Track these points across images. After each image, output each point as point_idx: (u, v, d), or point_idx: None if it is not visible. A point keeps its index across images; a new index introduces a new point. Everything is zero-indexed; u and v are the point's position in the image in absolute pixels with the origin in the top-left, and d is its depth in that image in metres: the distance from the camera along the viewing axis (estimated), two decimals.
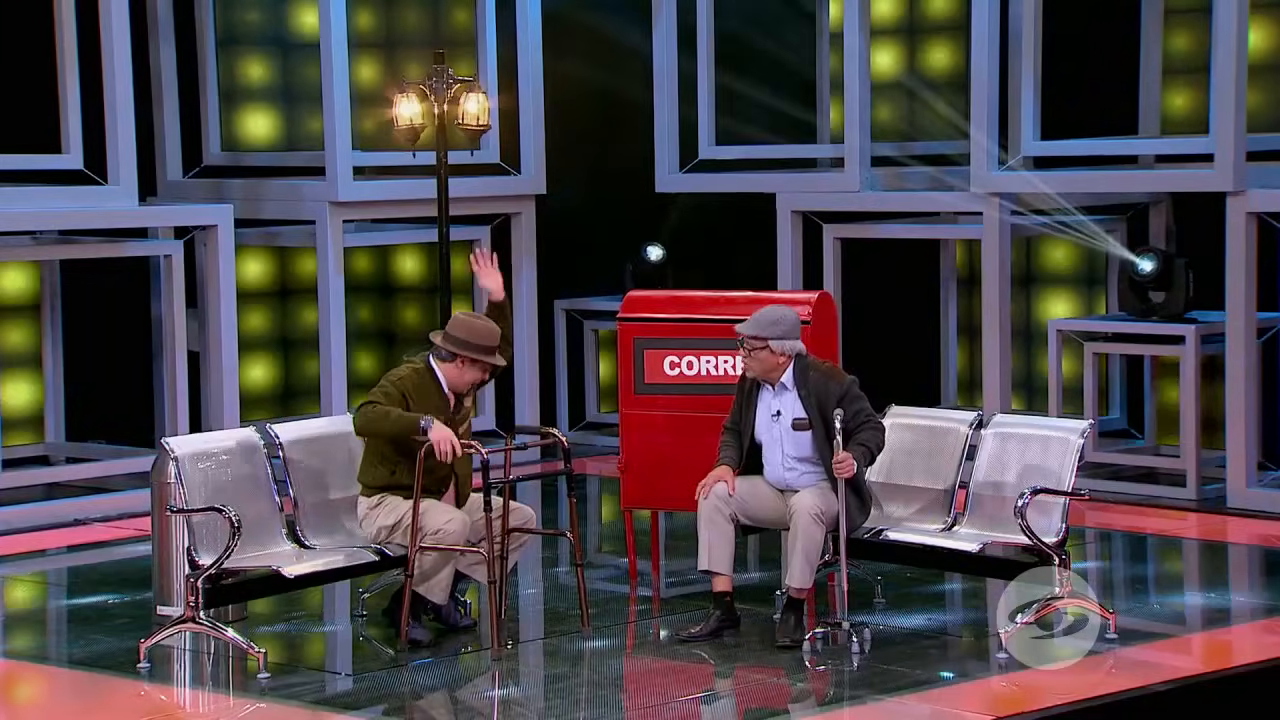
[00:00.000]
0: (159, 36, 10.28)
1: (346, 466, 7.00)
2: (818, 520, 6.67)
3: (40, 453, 10.01)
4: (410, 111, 8.04)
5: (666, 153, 10.80)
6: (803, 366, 6.76)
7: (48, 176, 9.20)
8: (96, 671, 6.53)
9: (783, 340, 6.71)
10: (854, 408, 6.70)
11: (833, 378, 6.76)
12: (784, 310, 6.79)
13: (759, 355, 6.71)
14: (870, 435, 6.73)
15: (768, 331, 6.70)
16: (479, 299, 10.65)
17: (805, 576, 6.70)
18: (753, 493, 6.80)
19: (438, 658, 6.68)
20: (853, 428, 6.66)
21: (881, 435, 6.76)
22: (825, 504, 6.69)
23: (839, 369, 6.89)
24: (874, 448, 6.74)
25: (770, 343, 6.70)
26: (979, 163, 9.69)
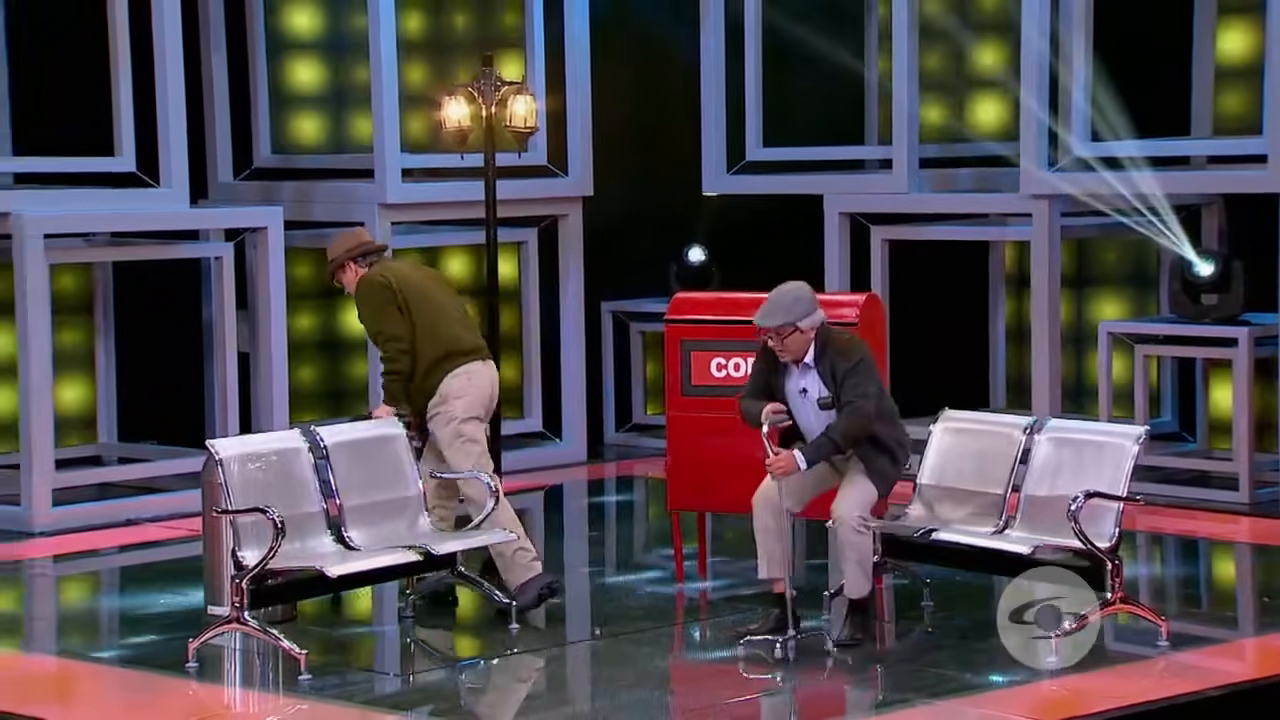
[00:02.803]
0: (210, 40, 10.36)
1: (390, 468, 7.03)
2: (861, 529, 6.63)
3: (93, 453, 10.10)
4: (458, 114, 8.06)
5: (714, 154, 10.78)
6: (823, 340, 6.62)
7: (101, 179, 9.28)
8: (147, 670, 6.59)
9: (808, 316, 6.60)
10: (848, 385, 6.51)
11: (843, 354, 6.59)
12: (796, 288, 6.64)
13: (791, 340, 6.59)
14: (839, 423, 6.52)
15: (794, 314, 6.58)
16: (527, 304, 10.69)
17: (863, 584, 6.68)
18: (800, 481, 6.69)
19: (485, 657, 6.70)
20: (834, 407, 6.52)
21: (856, 420, 6.50)
22: (864, 504, 6.65)
23: (855, 342, 6.68)
24: (837, 437, 6.52)
25: (799, 323, 6.59)
26: (1030, 164, 9.63)
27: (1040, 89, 9.58)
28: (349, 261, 7.30)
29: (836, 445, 6.59)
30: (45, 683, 6.71)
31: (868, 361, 6.62)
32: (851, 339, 6.72)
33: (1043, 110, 9.59)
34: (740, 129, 10.73)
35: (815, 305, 6.63)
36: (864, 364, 6.59)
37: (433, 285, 7.34)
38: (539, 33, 10.34)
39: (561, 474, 10.36)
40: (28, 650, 7.06)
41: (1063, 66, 9.66)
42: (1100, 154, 9.57)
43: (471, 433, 7.14)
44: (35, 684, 6.67)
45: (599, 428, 11.16)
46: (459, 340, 7.20)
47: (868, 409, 6.56)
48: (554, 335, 10.66)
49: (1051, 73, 9.65)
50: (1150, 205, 9.50)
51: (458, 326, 7.24)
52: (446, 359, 7.13)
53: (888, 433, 6.68)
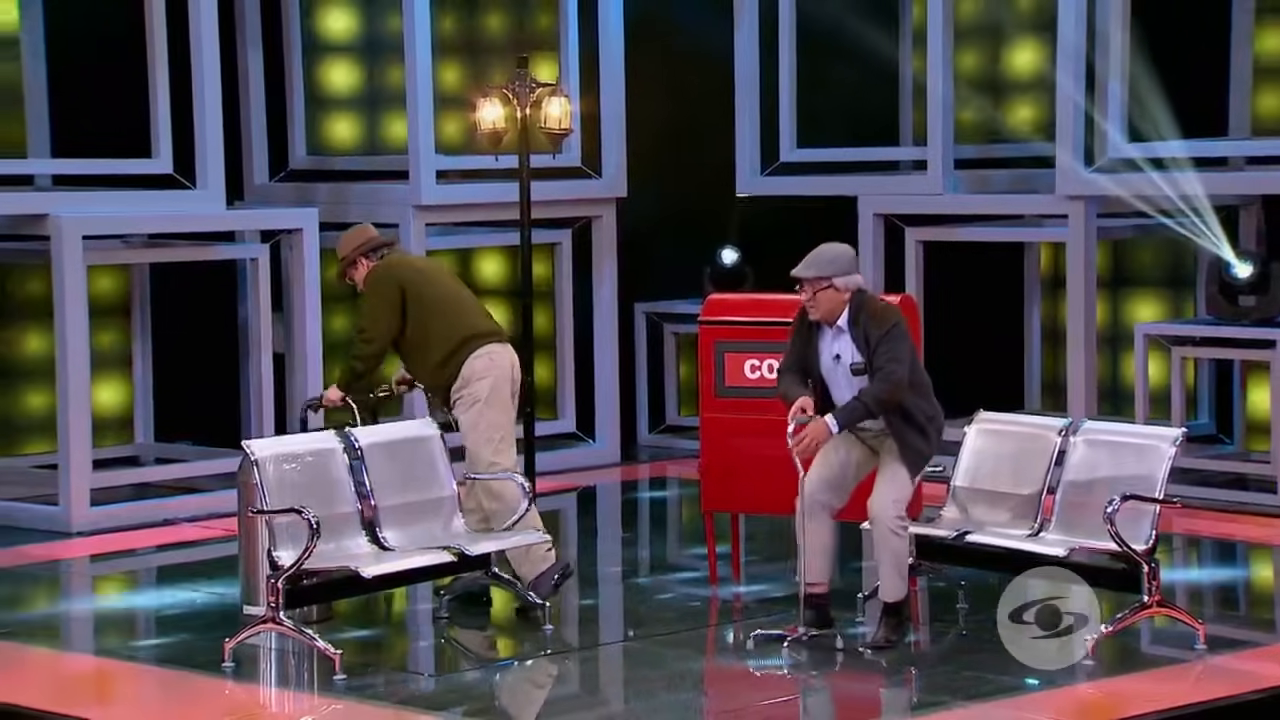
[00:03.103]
0: (246, 42, 10.41)
1: (425, 468, 7.05)
2: (898, 532, 6.61)
3: (130, 453, 10.16)
4: (493, 115, 8.09)
5: (748, 155, 10.78)
6: (858, 305, 6.58)
7: (138, 181, 9.34)
8: (183, 670, 6.62)
9: (846, 276, 6.56)
10: (881, 350, 6.47)
11: (877, 319, 6.55)
12: (840, 246, 6.64)
13: (823, 296, 6.55)
14: (871, 387, 6.49)
15: (829, 270, 6.54)
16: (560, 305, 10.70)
17: (899, 587, 6.66)
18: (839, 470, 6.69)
19: (518, 658, 6.72)
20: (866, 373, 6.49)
21: (888, 385, 6.46)
22: (900, 499, 6.60)
23: (891, 308, 6.63)
24: (869, 401, 6.49)
25: (834, 280, 6.55)
26: (1065, 165, 9.58)
27: (1077, 89, 9.54)
28: (360, 257, 7.34)
29: (868, 409, 6.52)
30: (83, 682, 6.76)
31: (902, 328, 6.56)
32: (887, 306, 6.66)
33: (1079, 111, 9.55)
34: (774, 130, 10.72)
35: (854, 268, 6.59)
36: (898, 330, 6.53)
37: (445, 275, 7.49)
38: (573, 34, 10.35)
39: (595, 475, 10.37)
40: (66, 650, 7.11)
41: (1099, 66, 9.62)
42: (1137, 155, 9.52)
43: (493, 420, 7.16)
44: (73, 683, 6.72)
45: (632, 429, 11.16)
46: (477, 324, 7.29)
47: (900, 374, 6.49)
48: (587, 337, 10.67)
49: (1088, 72, 9.60)
50: (1187, 206, 9.44)
51: (474, 312, 7.36)
52: (466, 343, 7.20)
53: (920, 406, 6.60)
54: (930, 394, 6.70)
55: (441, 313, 7.22)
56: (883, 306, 6.64)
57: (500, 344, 7.27)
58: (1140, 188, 9.40)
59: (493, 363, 7.21)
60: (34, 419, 9.93)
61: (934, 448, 6.69)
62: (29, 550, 8.55)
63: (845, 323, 6.59)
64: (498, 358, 7.22)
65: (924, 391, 6.68)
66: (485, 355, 7.20)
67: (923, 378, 6.69)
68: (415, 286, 7.23)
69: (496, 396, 7.18)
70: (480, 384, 7.18)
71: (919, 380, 6.66)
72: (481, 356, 7.19)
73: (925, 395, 6.67)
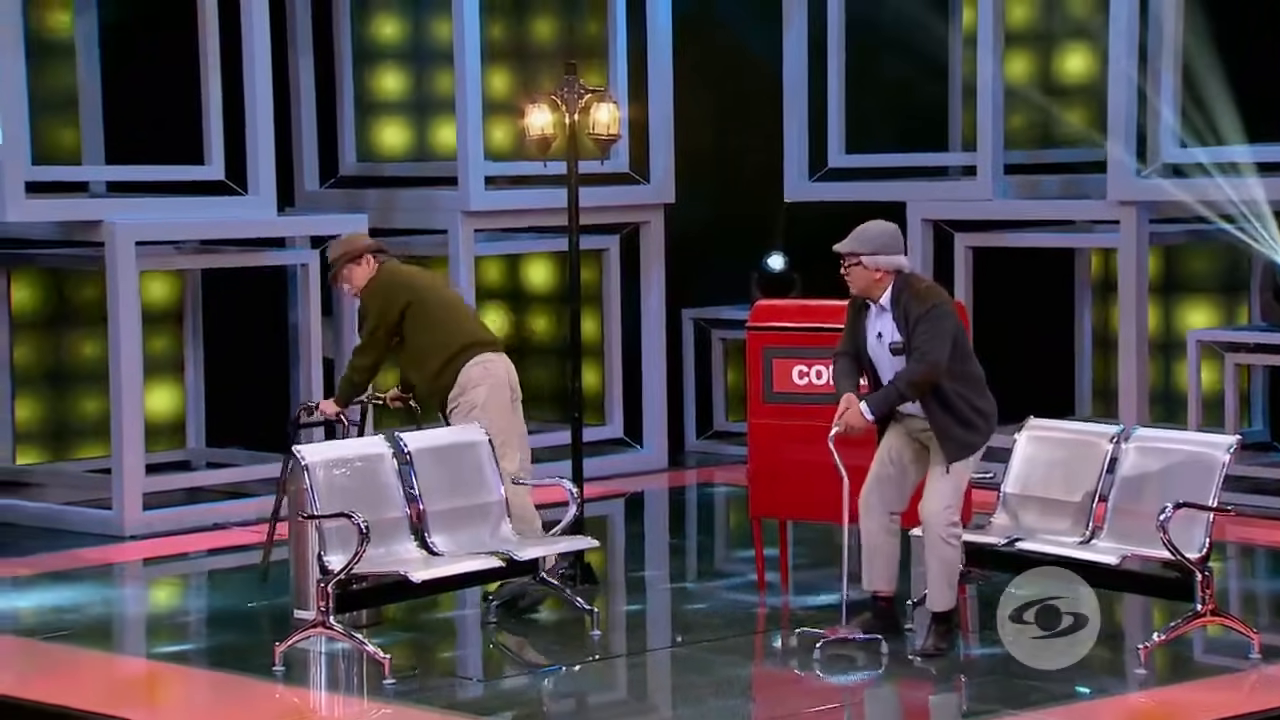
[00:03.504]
0: (298, 49, 10.49)
1: (473, 473, 7.08)
2: (950, 540, 6.56)
3: (181, 458, 10.24)
4: (542, 121, 8.10)
5: (796, 161, 10.76)
6: (901, 285, 6.53)
7: (190, 187, 9.42)
8: (235, 673, 6.67)
9: (876, 255, 6.50)
10: (918, 331, 6.41)
11: (918, 299, 6.48)
12: (883, 224, 6.60)
13: (855, 271, 6.54)
14: (905, 370, 6.42)
15: (861, 246, 6.52)
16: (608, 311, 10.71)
17: (948, 597, 6.62)
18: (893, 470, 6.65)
19: (566, 664, 6.73)
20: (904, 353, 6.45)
21: (922, 368, 6.38)
22: (952, 501, 6.54)
23: (934, 290, 6.57)
24: (903, 385, 6.42)
25: (863, 258, 6.52)
26: (1117, 170, 9.51)
27: (1128, 94, 9.47)
28: (354, 262, 7.39)
29: (900, 393, 6.47)
30: (135, 684, 6.82)
31: (942, 310, 6.47)
32: (931, 287, 6.60)
33: (1131, 115, 9.48)
34: (822, 135, 10.70)
35: (893, 248, 6.54)
36: (938, 311, 6.46)
37: (443, 285, 7.67)
38: (622, 40, 10.36)
39: (642, 481, 10.37)
40: (118, 652, 7.17)
41: (1153, 69, 9.54)
42: (1190, 159, 9.44)
43: (490, 425, 7.23)
44: (126, 686, 6.78)
45: (680, 435, 11.16)
46: (475, 333, 7.45)
47: (934, 357, 6.42)
48: (635, 342, 10.67)
49: (1141, 76, 9.53)
50: (1240, 212, 9.36)
51: (472, 321, 7.52)
52: (463, 351, 7.33)
53: (964, 396, 6.51)
54: (981, 387, 6.61)
55: (441, 322, 7.34)
56: (926, 287, 6.58)
57: (496, 353, 7.41)
58: (1193, 192, 9.32)
59: (488, 371, 7.33)
60: (88, 423, 10.03)
61: (980, 441, 6.58)
62: (82, 554, 8.63)
63: (888, 301, 6.56)
64: (493, 366, 7.36)
65: (972, 382, 6.58)
66: (481, 364, 7.33)
67: (972, 369, 6.60)
68: (418, 296, 7.35)
69: (493, 402, 7.29)
70: (476, 391, 7.29)
71: (967, 371, 6.57)
72: (477, 365, 7.32)
73: (973, 386, 6.58)
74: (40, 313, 9.99)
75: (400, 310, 7.32)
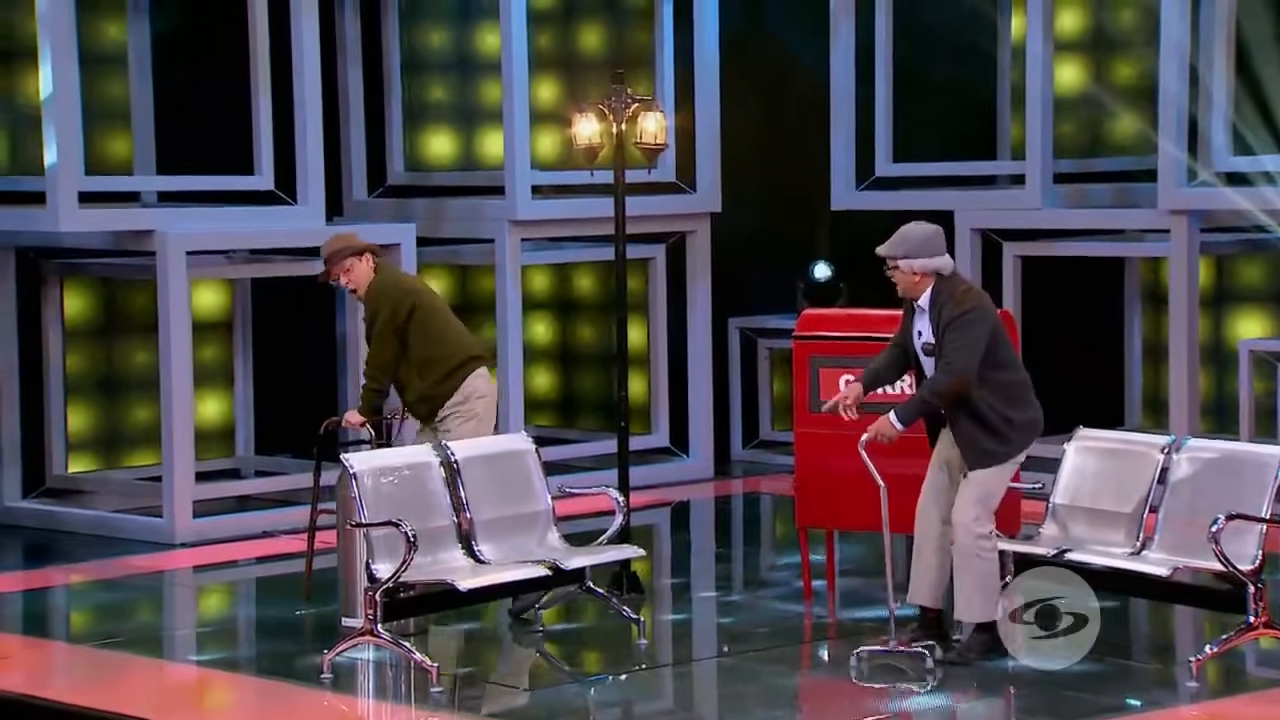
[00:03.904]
0: (346, 59, 10.55)
1: (520, 482, 7.09)
2: (981, 553, 6.49)
3: (231, 466, 10.31)
4: (589, 130, 8.12)
5: (843, 170, 10.73)
6: (940, 288, 6.53)
7: (240, 197, 9.49)
8: (283, 680, 6.70)
9: (912, 259, 6.52)
10: (947, 337, 6.42)
11: (953, 303, 6.48)
12: (922, 227, 6.60)
13: (896, 275, 6.59)
14: (931, 379, 6.45)
15: (897, 250, 6.56)
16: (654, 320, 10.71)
17: (985, 609, 6.56)
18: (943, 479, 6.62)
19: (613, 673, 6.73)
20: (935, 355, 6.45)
21: (947, 377, 6.39)
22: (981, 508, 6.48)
23: (971, 295, 6.53)
24: (927, 394, 6.45)
25: (899, 261, 6.54)
26: (1167, 179, 9.44)
27: (1179, 103, 9.40)
28: (353, 258, 7.47)
29: (925, 401, 6.48)
30: (185, 691, 6.87)
31: (975, 317, 6.44)
32: (968, 292, 6.57)
33: (1181, 124, 9.41)
34: (869, 144, 10.67)
35: (932, 250, 6.54)
36: (970, 318, 6.43)
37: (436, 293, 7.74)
38: (669, 49, 10.37)
39: (688, 490, 10.36)
40: (168, 659, 7.22)
41: (1204, 78, 9.47)
42: (1240, 169, 9.36)
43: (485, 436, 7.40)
44: (175, 692, 6.83)
45: (726, 444, 11.15)
46: (477, 344, 7.62)
47: (960, 365, 6.40)
48: (681, 351, 10.67)
49: (1192, 84, 9.46)
50: None
51: (469, 333, 7.66)
52: (470, 361, 7.46)
53: (994, 405, 6.47)
54: (1016, 397, 6.55)
55: (446, 328, 7.47)
56: (963, 292, 6.55)
57: (491, 368, 7.59)
58: (1245, 201, 9.24)
59: (489, 385, 7.51)
60: (139, 432, 10.11)
61: (1007, 452, 6.53)
62: (133, 561, 8.70)
63: (926, 302, 6.58)
64: (489, 382, 7.53)
65: (1005, 391, 6.53)
66: (483, 376, 7.48)
67: (1006, 377, 6.54)
68: (423, 300, 7.46)
69: (489, 415, 7.47)
70: (479, 402, 7.42)
71: (1000, 380, 6.52)
72: (481, 376, 7.46)
73: (1005, 395, 6.53)
74: (92, 321, 10.08)
75: (407, 312, 7.38)
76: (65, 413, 9.79)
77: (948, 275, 6.58)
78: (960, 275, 6.67)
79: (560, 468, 9.64)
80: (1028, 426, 6.58)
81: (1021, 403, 6.58)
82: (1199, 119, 9.49)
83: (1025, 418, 6.56)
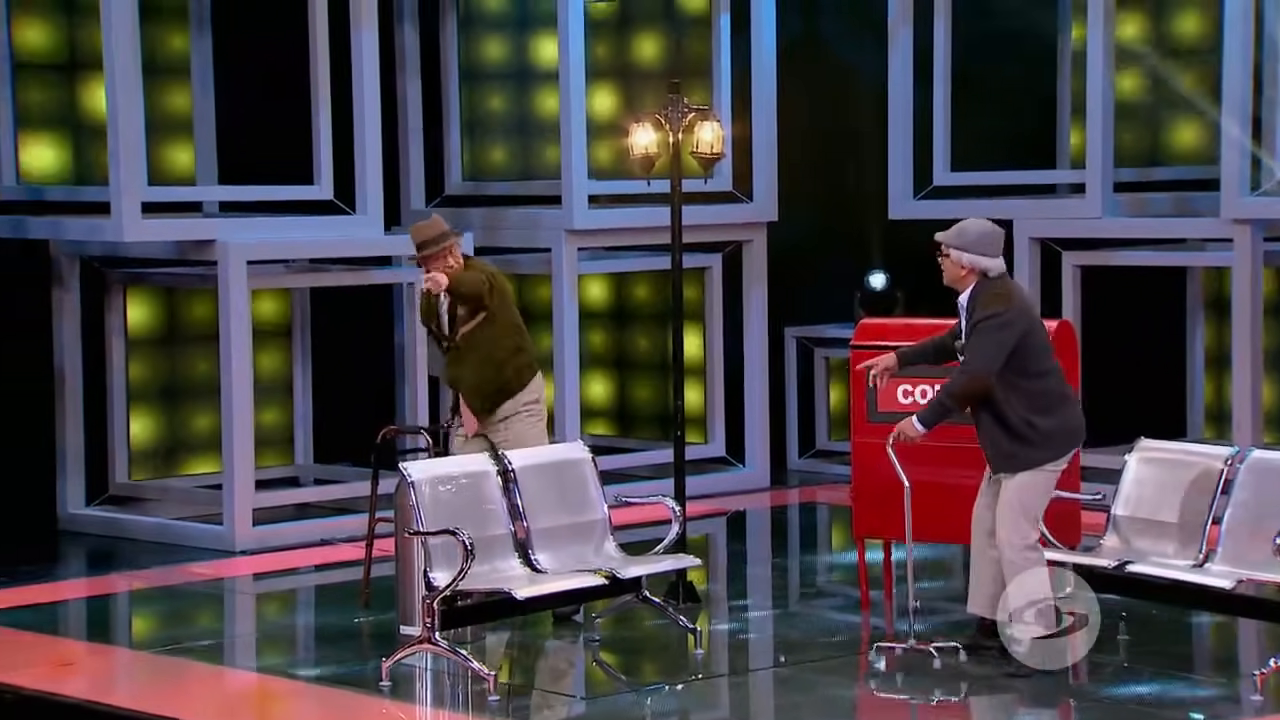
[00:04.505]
0: (405, 70, 10.62)
1: (577, 491, 7.10)
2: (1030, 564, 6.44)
3: (290, 474, 10.39)
4: (645, 140, 8.13)
5: (901, 179, 10.69)
6: (980, 288, 6.52)
7: (300, 207, 9.57)
8: (342, 688, 6.74)
9: (961, 251, 6.51)
10: (972, 339, 6.44)
11: (983, 304, 6.47)
12: (983, 224, 6.59)
13: (945, 261, 6.59)
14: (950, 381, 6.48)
15: (952, 239, 6.56)
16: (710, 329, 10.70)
17: (1042, 620, 6.53)
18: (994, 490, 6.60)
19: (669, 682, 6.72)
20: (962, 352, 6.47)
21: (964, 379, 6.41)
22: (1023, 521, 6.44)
23: (1002, 299, 6.48)
24: (945, 396, 6.47)
25: (951, 250, 6.53)
26: (1230, 188, 9.35)
27: (1242, 111, 9.30)
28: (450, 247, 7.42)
29: (943, 404, 6.50)
30: (245, 698, 6.92)
31: (1001, 321, 6.42)
32: (1002, 295, 6.52)
33: (1244, 133, 9.31)
34: (927, 153, 10.62)
35: (983, 249, 6.51)
36: (995, 321, 6.42)
37: None
38: (726, 59, 10.37)
39: (744, 500, 10.35)
40: (229, 666, 7.28)
41: (1267, 86, 9.37)
42: None
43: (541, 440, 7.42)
44: (236, 699, 6.88)
45: (782, 453, 11.12)
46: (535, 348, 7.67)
47: (976, 367, 6.41)
48: (738, 360, 10.66)
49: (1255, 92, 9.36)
50: None
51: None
52: (536, 362, 7.51)
53: (1020, 410, 6.44)
54: (1048, 404, 6.50)
55: (519, 325, 7.49)
56: (995, 295, 6.51)
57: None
58: None
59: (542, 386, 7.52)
60: (199, 440, 10.20)
61: (1036, 458, 6.47)
62: (194, 568, 8.78)
63: (965, 299, 6.59)
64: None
65: (1035, 398, 6.48)
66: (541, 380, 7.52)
67: (1037, 385, 6.50)
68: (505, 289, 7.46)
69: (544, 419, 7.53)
70: (540, 405, 7.48)
71: (1030, 386, 6.48)
72: (540, 377, 7.50)
73: (1035, 401, 6.48)
74: (154, 330, 10.19)
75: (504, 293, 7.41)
76: (128, 421, 9.89)
77: (993, 277, 6.55)
78: (1008, 280, 6.62)
79: (616, 477, 9.64)
80: (1057, 435, 6.52)
81: (1051, 411, 6.53)
82: (1263, 127, 9.38)
83: (1053, 425, 6.51)
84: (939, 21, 10.55)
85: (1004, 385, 6.45)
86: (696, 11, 10.72)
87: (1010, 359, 6.44)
